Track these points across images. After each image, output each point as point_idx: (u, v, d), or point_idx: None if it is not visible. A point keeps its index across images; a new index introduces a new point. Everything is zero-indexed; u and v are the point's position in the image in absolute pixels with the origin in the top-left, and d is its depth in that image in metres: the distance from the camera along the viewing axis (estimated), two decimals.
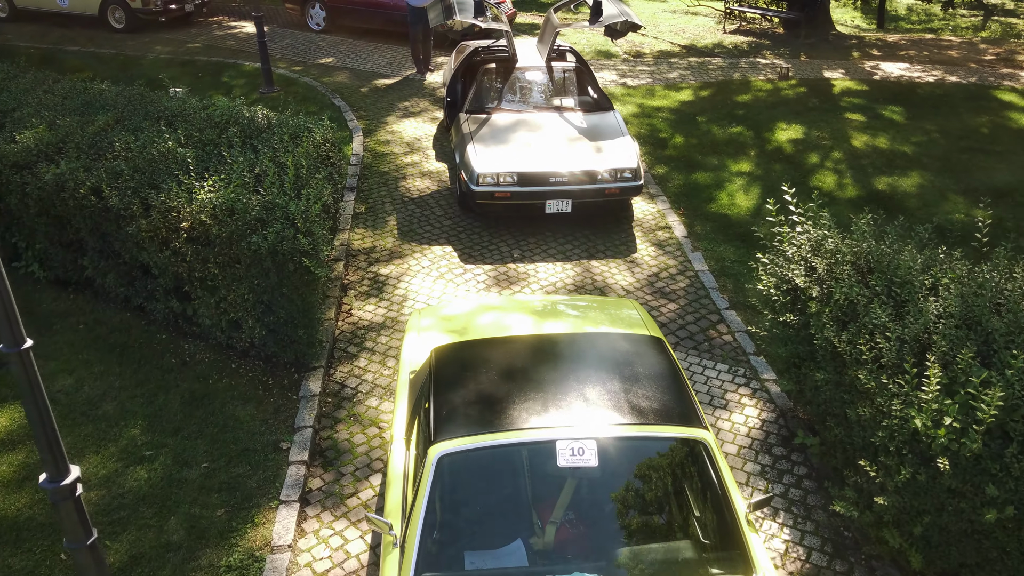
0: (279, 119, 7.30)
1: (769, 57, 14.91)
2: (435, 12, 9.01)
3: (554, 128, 8.56)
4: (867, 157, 10.07)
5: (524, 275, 7.48)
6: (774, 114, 11.57)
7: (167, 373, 6.04)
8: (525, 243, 8.05)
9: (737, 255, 7.88)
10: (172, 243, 5.77)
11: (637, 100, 12.22)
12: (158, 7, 15.66)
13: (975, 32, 19.57)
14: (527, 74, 9.38)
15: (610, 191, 8.03)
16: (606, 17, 8.80)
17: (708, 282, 7.42)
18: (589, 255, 7.85)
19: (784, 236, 5.39)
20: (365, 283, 7.32)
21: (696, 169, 9.78)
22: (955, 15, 21.55)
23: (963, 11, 22.04)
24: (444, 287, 7.26)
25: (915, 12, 22.85)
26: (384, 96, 12.24)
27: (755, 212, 8.71)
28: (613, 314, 5.14)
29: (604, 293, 7.21)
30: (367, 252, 7.82)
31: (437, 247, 7.94)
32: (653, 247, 8.03)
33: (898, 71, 14.09)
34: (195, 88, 12.27)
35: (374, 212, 8.62)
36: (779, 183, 9.37)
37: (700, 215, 8.69)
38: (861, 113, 11.60)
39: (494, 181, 7.92)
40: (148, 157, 6.28)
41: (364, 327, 6.69)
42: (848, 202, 8.96)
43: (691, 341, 6.59)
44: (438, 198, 8.95)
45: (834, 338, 4.58)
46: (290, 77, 12.96)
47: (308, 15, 16.19)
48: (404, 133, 10.77)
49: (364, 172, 9.55)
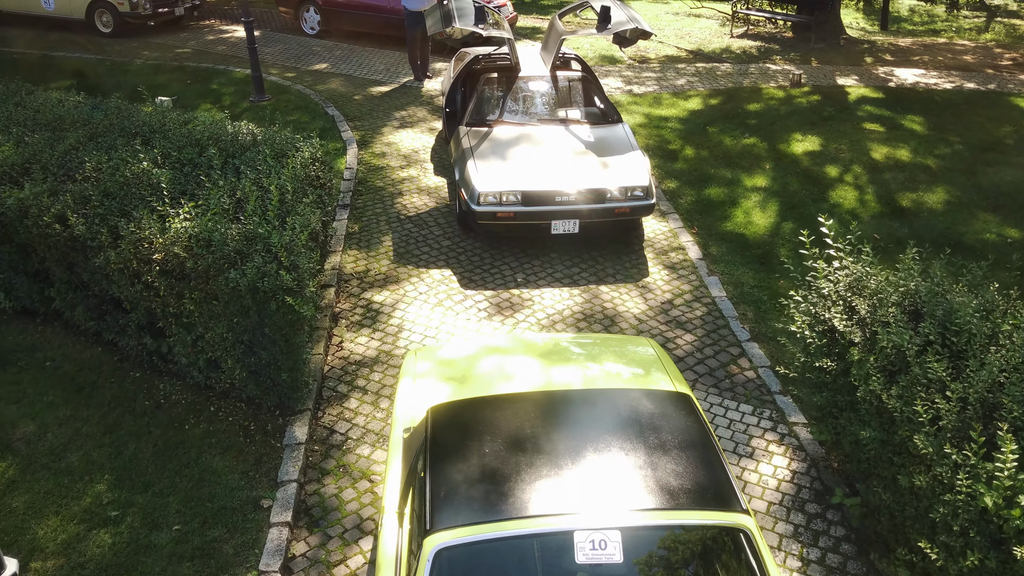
0: (265, 135, 6.77)
1: (779, 62, 14.40)
2: (433, 19, 8.49)
3: (560, 142, 8.04)
4: (888, 170, 9.55)
5: (528, 302, 6.96)
6: (788, 124, 11.05)
7: (139, 418, 5.51)
8: (529, 266, 7.53)
9: (756, 279, 7.36)
10: (144, 276, 5.24)
11: (644, 109, 11.70)
12: (147, 11, 15.14)
13: (979, 33, 19.16)
14: (531, 84, 8.86)
15: (620, 210, 7.51)
16: (615, 24, 8.28)
17: (727, 310, 6.90)
18: (598, 279, 7.33)
19: (819, 272, 4.86)
20: (357, 312, 6.79)
21: (708, 183, 9.26)
22: (958, 16, 21.13)
23: (966, 12, 21.64)
24: (443, 316, 6.74)
25: (917, 13, 22.47)
26: (380, 105, 11.72)
27: (773, 232, 8.19)
28: (628, 355, 4.63)
29: (614, 322, 6.69)
30: (360, 276, 7.30)
31: (435, 270, 7.42)
32: (666, 270, 7.52)
33: (913, 77, 13.58)
34: (183, 96, 11.75)
35: (368, 232, 8.09)
36: (797, 199, 8.85)
37: (715, 234, 8.16)
38: (879, 123, 11.08)
39: (496, 200, 7.40)
40: (120, 180, 5.76)
41: (356, 363, 6.17)
42: (871, 219, 8.44)
43: (711, 378, 6.07)
44: (436, 216, 8.43)
45: (881, 392, 4.06)
46: (282, 84, 12.44)
47: (302, 19, 15.67)
48: (401, 145, 10.25)
49: (358, 188, 9.03)
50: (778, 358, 6.30)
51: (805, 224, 8.31)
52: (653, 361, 4.60)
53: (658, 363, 4.59)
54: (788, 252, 7.79)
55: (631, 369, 4.46)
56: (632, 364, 4.51)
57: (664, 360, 4.67)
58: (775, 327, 6.67)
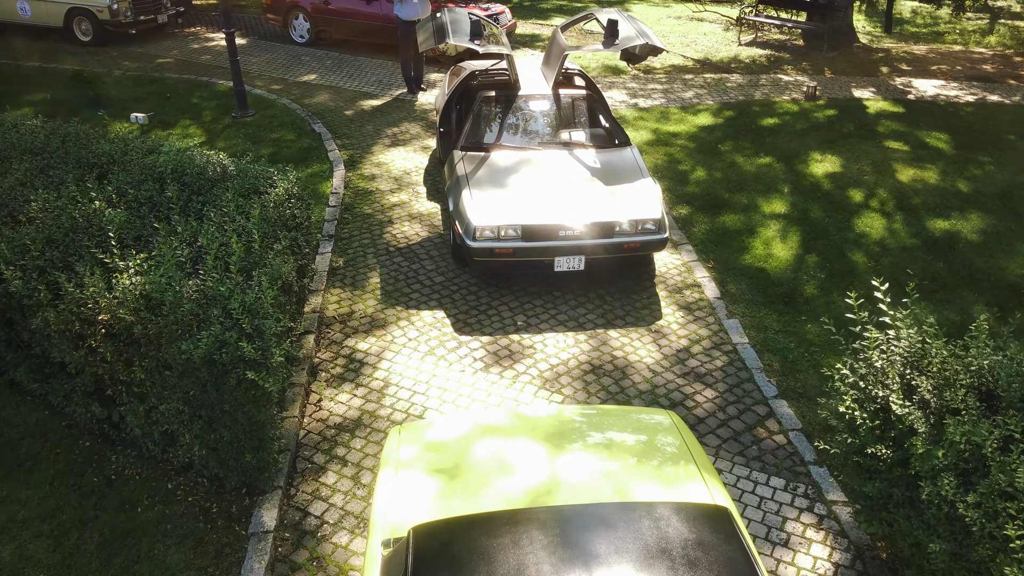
0: (237, 167, 6.08)
1: (791, 72, 13.72)
2: (425, 34, 7.80)
3: (563, 169, 7.36)
4: (917, 195, 8.87)
5: (529, 349, 6.28)
6: (806, 142, 10.37)
7: (86, 498, 4.82)
8: (530, 307, 6.84)
9: (781, 323, 6.68)
10: (88, 340, 4.55)
11: (651, 125, 11.02)
12: (128, 19, 14.44)
13: (983, 36, 18.59)
14: (531, 104, 8.17)
15: (629, 246, 6.83)
16: (623, 39, 7.60)
17: (750, 360, 6.21)
18: (606, 323, 6.65)
19: (870, 342, 4.17)
20: (339, 363, 6.10)
21: (723, 210, 8.57)
22: (961, 19, 20.55)
23: (969, 15, 21.10)
24: (434, 367, 6.05)
25: (920, 15, 21.95)
26: (371, 120, 11.03)
27: (796, 266, 7.51)
28: (647, 439, 3.95)
29: (625, 375, 6.00)
30: (343, 320, 6.61)
31: (426, 312, 6.73)
32: (681, 312, 6.83)
33: (933, 89, 12.90)
34: (161, 112, 11.06)
35: (354, 267, 7.40)
36: (820, 227, 8.17)
37: (733, 269, 7.48)
38: (903, 141, 10.40)
39: (494, 235, 6.71)
40: (66, 224, 5.06)
41: (335, 426, 5.47)
42: (902, 252, 7.75)
43: (736, 443, 5.39)
44: (429, 248, 7.74)
45: (954, 498, 3.38)
46: (267, 98, 11.74)
47: (291, 26, 14.99)
48: (392, 165, 9.56)
49: (344, 215, 8.34)
50: (810, 419, 5.61)
51: (830, 257, 7.63)
52: (676, 446, 3.92)
53: (682, 447, 3.92)
54: (814, 290, 7.11)
55: (652, 460, 3.77)
56: (652, 453, 3.82)
57: (687, 440, 3.99)
58: (805, 381, 5.98)
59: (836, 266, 7.49)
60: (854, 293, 4.38)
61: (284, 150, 9.84)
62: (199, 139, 10.17)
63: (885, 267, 7.48)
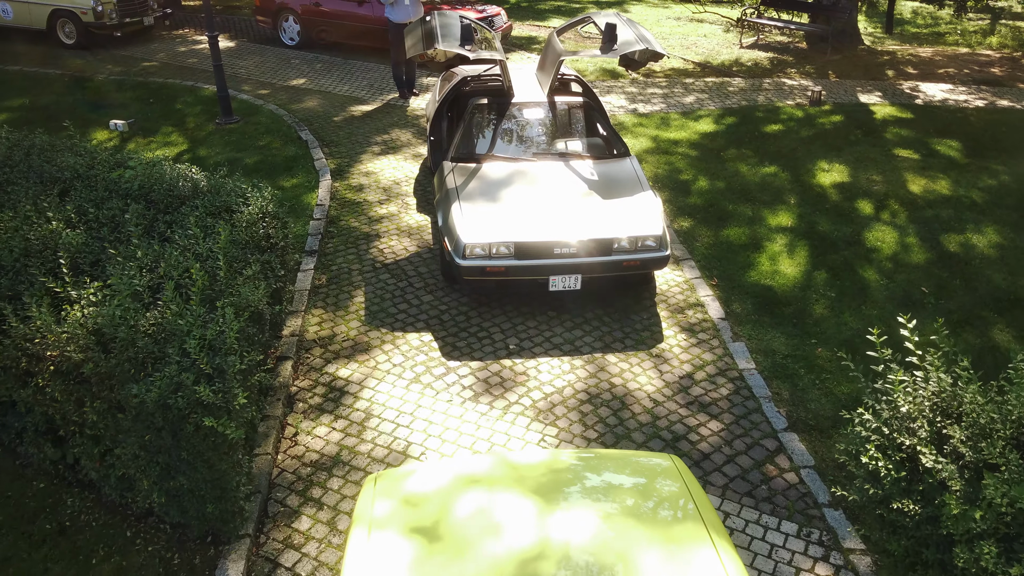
0: (210, 183, 5.69)
1: (795, 76, 13.33)
2: (413, 39, 7.40)
3: (559, 182, 6.96)
4: (930, 207, 8.48)
5: (522, 376, 5.88)
6: (812, 150, 9.98)
7: (37, 548, 4.42)
8: (523, 328, 6.45)
9: (790, 346, 6.28)
10: (36, 378, 4.15)
11: (651, 131, 10.62)
12: (112, 20, 14.04)
13: (984, 36, 18.35)
14: (525, 112, 7.77)
15: (629, 263, 6.43)
16: (622, 44, 7.20)
17: (757, 387, 5.82)
18: (604, 346, 6.25)
19: (896, 386, 3.77)
20: (318, 392, 5.71)
21: (727, 222, 8.18)
22: (962, 19, 20.33)
23: (970, 15, 20.91)
24: (419, 396, 5.66)
25: (920, 15, 21.74)
26: (360, 127, 10.63)
27: (804, 283, 7.11)
28: (647, 489, 3.56)
29: (625, 405, 5.61)
30: (324, 344, 6.21)
31: (413, 334, 6.34)
32: (684, 334, 6.43)
33: (941, 93, 12.52)
34: (142, 118, 10.66)
35: (338, 284, 7.00)
36: (828, 241, 7.78)
37: (737, 287, 7.08)
38: (912, 148, 10.01)
39: (485, 253, 6.32)
40: (19, 247, 4.67)
41: (312, 463, 5.08)
42: (916, 268, 7.36)
43: (744, 483, 4.99)
44: (417, 263, 7.35)
45: (995, 568, 2.99)
46: (253, 104, 11.34)
47: (281, 29, 14.60)
48: (381, 175, 9.17)
49: (329, 229, 7.94)
50: (823, 455, 5.22)
51: (840, 273, 7.24)
52: (682, 501, 3.52)
53: (688, 501, 3.52)
54: (824, 310, 6.72)
55: (655, 519, 3.37)
56: (656, 511, 3.43)
57: (694, 493, 3.60)
58: (817, 412, 5.59)
59: (847, 283, 7.11)
60: (876, 330, 3.97)
61: (269, 159, 9.45)
62: (181, 147, 9.78)
63: (899, 284, 7.09)
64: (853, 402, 5.65)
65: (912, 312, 6.70)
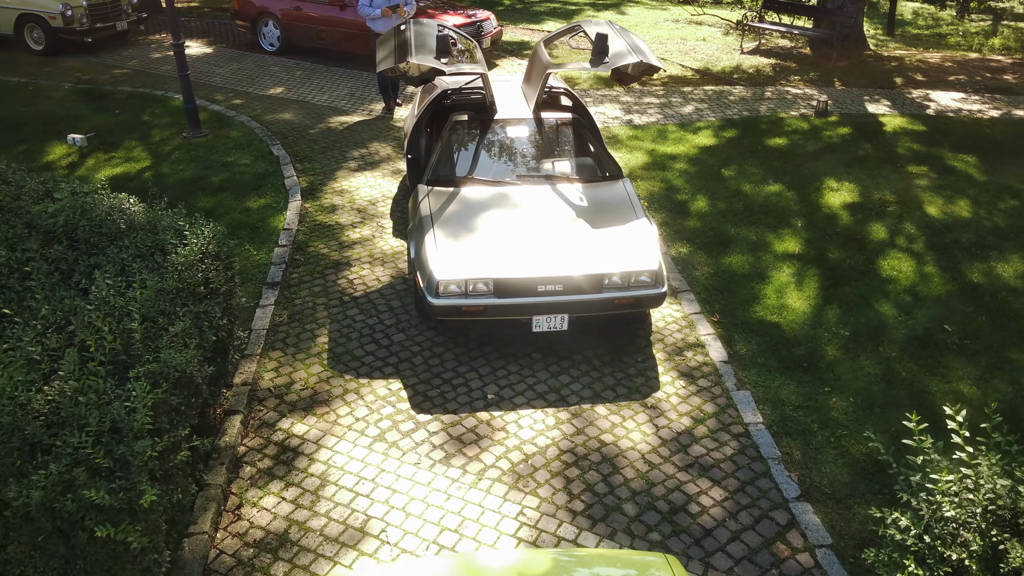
0: (148, 217, 5.03)
1: (798, 84, 12.68)
2: (385, 51, 6.74)
3: (545, 208, 6.31)
4: (948, 230, 7.83)
5: (500, 433, 5.23)
6: (818, 166, 9.33)
7: None
8: (503, 374, 5.79)
9: (800, 395, 5.63)
10: None
11: (646, 145, 9.97)
12: (83, 25, 13.38)
13: (986, 38, 17.89)
14: (509, 130, 7.12)
15: (621, 301, 5.78)
16: (613, 56, 6.55)
17: (765, 446, 5.17)
18: (593, 395, 5.60)
19: (939, 485, 3.11)
20: (269, 452, 5.05)
21: (728, 248, 7.53)
22: (964, 20, 19.89)
23: (971, 16, 20.52)
24: (383, 458, 5.00)
25: (921, 16, 21.27)
26: (338, 140, 9.97)
27: (815, 320, 6.46)
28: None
29: (616, 468, 4.95)
30: (280, 394, 5.55)
31: (380, 382, 5.68)
32: (682, 380, 5.78)
33: (953, 103, 11.88)
34: (105, 132, 10.00)
35: (300, 322, 6.35)
36: (840, 271, 7.13)
37: (741, 324, 6.43)
38: (927, 164, 9.37)
39: (461, 290, 5.66)
40: None
41: (256, 543, 4.42)
42: (937, 302, 6.71)
43: (751, 566, 4.34)
44: (390, 296, 6.69)
45: None
46: (225, 115, 10.68)
47: (260, 34, 13.94)
48: (357, 194, 8.51)
49: (295, 256, 7.28)
50: (841, 530, 4.56)
51: (854, 308, 6.59)
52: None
53: None
54: (838, 351, 6.07)
55: None
56: None
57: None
58: (832, 476, 4.94)
59: (861, 320, 6.46)
60: (915, 417, 3.30)
61: (236, 177, 8.79)
62: (143, 164, 9.12)
63: (918, 321, 6.44)
64: (874, 467, 5.00)
65: (934, 354, 6.05)
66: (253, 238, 7.52)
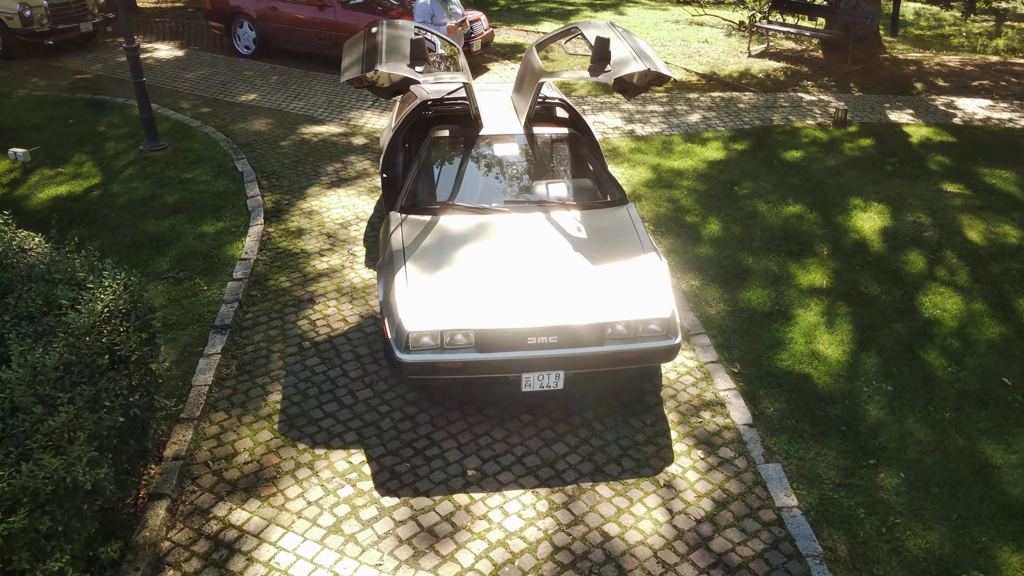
0: (50, 260, 4.11)
1: (812, 91, 11.78)
2: (350, 58, 5.81)
3: (536, 241, 5.39)
4: (994, 260, 6.92)
5: (480, 521, 4.31)
6: (842, 183, 8.43)
7: None
8: (487, 442, 4.88)
9: (841, 469, 4.72)
10: None
11: (650, 159, 9.06)
12: (43, 27, 12.44)
13: (990, 39, 17.20)
14: (496, 147, 6.20)
15: (626, 356, 4.86)
16: (616, 64, 5.63)
17: (803, 539, 4.25)
18: (593, 469, 4.68)
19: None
20: (198, 551, 4.12)
21: (746, 281, 6.62)
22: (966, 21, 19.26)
23: (973, 16, 19.92)
24: (337, 557, 4.08)
25: (924, 17, 20.61)
26: (311, 153, 9.05)
27: (851, 371, 5.55)
28: None
29: (621, 568, 4.04)
30: (218, 470, 4.63)
31: (340, 452, 4.76)
32: (700, 449, 4.87)
33: (981, 111, 10.98)
34: (54, 144, 9.07)
35: (250, 375, 5.42)
36: (876, 308, 6.22)
37: (766, 376, 5.52)
38: (962, 182, 8.46)
39: (436, 344, 4.75)
40: None
41: None
42: (989, 348, 5.80)
43: None
44: (357, 341, 5.78)
45: None
46: (188, 126, 9.74)
47: (235, 36, 13.00)
48: (328, 215, 7.59)
49: (252, 292, 6.35)
50: None
51: (895, 357, 5.68)
52: None
53: None
54: (880, 411, 5.16)
55: None
56: None
57: None
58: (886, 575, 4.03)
59: (905, 372, 5.55)
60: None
61: (193, 196, 7.86)
62: (91, 181, 8.19)
63: (971, 372, 5.54)
64: (937, 568, 4.08)
65: (994, 415, 5.14)
66: (206, 269, 6.60)
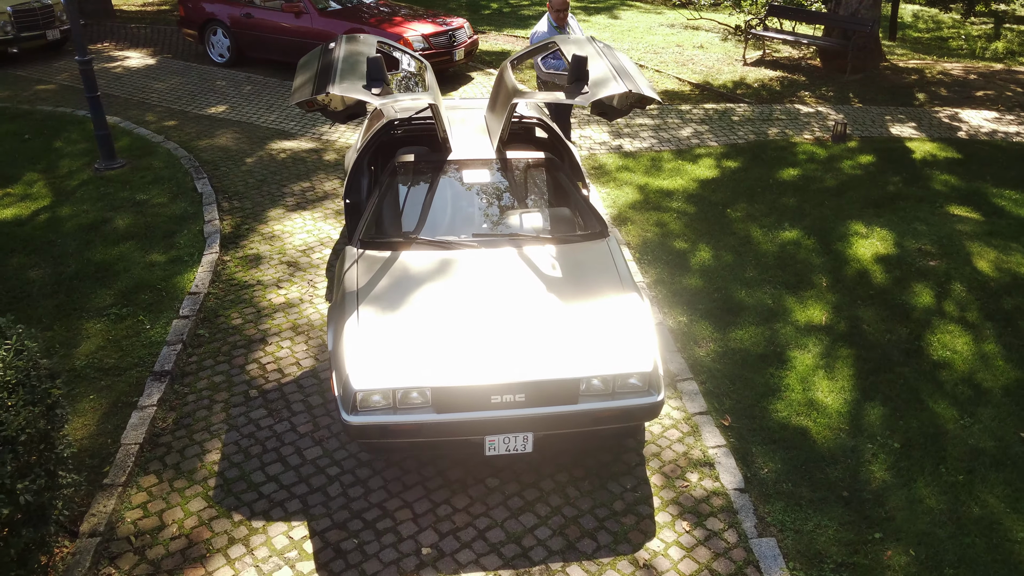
0: None
1: (810, 101, 11.27)
2: (301, 79, 5.27)
3: (505, 282, 4.85)
4: (1007, 293, 6.40)
5: None
6: (841, 205, 7.91)
7: None
8: (446, 513, 4.35)
9: (843, 544, 4.19)
10: None
11: (637, 177, 8.54)
12: (8, 35, 11.95)
13: (989, 41, 16.84)
14: (465, 174, 5.67)
15: (603, 415, 4.33)
16: (594, 85, 5.09)
17: None
18: (565, 550, 4.15)
19: None
20: None
21: (738, 317, 6.10)
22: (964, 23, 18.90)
23: (972, 19, 19.63)
24: None
25: (922, 20, 20.26)
26: (278, 171, 8.51)
27: (853, 425, 5.03)
28: None
29: None
30: (141, 546, 4.09)
31: (280, 525, 4.23)
32: (685, 520, 4.34)
33: (987, 123, 10.47)
34: (4, 161, 8.53)
35: (187, 429, 4.89)
36: (880, 350, 5.70)
37: (760, 430, 4.99)
38: (970, 204, 7.94)
39: (388, 403, 4.21)
40: None
41: None
42: (1004, 395, 5.28)
43: None
44: (310, 390, 5.24)
45: None
46: (150, 141, 9.20)
47: (209, 43, 12.47)
48: (289, 241, 7.06)
49: (199, 331, 5.81)
50: None
51: (902, 407, 5.16)
52: None
53: None
54: (886, 473, 4.64)
55: None
56: None
57: None
58: None
59: (912, 424, 5.03)
60: None
61: (147, 220, 7.32)
62: (41, 203, 7.65)
63: (985, 426, 5.02)
64: None
65: (1012, 478, 4.62)
66: (152, 305, 6.07)
